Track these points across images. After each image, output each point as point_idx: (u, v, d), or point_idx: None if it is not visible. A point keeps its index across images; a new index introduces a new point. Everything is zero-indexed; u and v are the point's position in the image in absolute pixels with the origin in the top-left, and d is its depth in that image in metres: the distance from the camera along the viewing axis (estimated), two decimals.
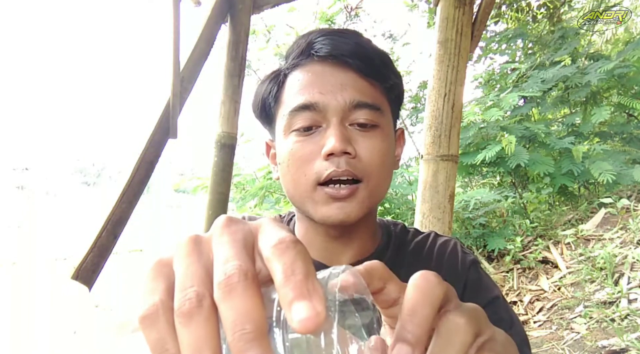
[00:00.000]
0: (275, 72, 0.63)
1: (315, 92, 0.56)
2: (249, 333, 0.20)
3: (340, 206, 0.56)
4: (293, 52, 0.61)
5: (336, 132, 0.55)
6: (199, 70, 2.00)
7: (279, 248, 0.22)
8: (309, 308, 0.20)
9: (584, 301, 2.79)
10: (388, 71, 0.61)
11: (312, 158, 0.56)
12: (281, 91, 0.61)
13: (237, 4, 2.10)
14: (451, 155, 1.75)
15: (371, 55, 0.59)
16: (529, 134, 4.09)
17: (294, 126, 0.58)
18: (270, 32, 5.27)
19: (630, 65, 4.12)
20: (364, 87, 0.58)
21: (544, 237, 3.76)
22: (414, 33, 8.19)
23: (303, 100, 0.57)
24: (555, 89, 4.71)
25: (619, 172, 3.61)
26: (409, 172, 4.71)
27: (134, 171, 1.78)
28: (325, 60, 0.58)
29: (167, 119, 1.86)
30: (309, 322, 0.20)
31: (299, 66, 0.60)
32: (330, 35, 0.59)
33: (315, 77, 0.58)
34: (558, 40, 4.93)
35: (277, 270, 0.21)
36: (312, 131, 0.57)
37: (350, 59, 0.57)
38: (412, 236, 0.70)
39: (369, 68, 0.58)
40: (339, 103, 0.56)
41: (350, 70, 0.58)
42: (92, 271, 1.67)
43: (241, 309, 0.21)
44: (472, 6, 1.81)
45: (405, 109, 5.58)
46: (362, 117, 0.57)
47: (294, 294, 0.20)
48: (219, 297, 0.21)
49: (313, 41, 0.59)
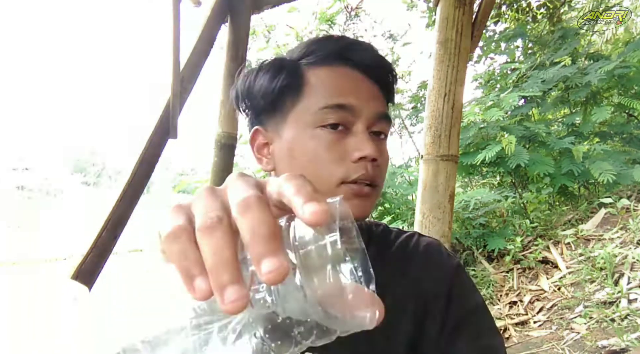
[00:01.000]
0: (287, 62, 0.62)
1: (351, 95, 0.59)
2: (266, 235, 0.23)
3: (359, 203, 0.59)
4: (319, 50, 0.62)
5: (370, 139, 0.59)
6: (199, 70, 2.01)
7: (294, 184, 0.26)
8: (321, 206, 0.24)
9: (584, 301, 2.79)
10: (394, 89, 0.67)
11: (342, 158, 0.58)
12: (304, 85, 0.61)
13: (237, 4, 2.10)
14: (451, 155, 1.75)
15: (391, 72, 0.65)
16: (529, 134, 4.09)
17: (325, 121, 0.58)
18: (270, 32, 5.27)
19: (631, 65, 4.12)
20: (382, 100, 0.64)
21: (544, 237, 3.76)
22: (414, 33, 8.18)
23: (341, 100, 0.59)
24: (555, 89, 4.72)
25: (619, 172, 3.61)
26: (409, 172, 4.72)
27: (134, 171, 1.78)
28: (357, 68, 0.61)
29: (167, 119, 1.86)
30: (319, 215, 0.24)
31: (328, 66, 0.61)
32: (361, 45, 0.63)
33: (351, 81, 0.61)
34: (558, 40, 4.93)
35: (288, 189, 0.26)
36: (338, 130, 0.59)
37: (377, 73, 0.63)
38: (395, 236, 0.70)
39: (388, 83, 0.64)
40: (371, 111, 0.60)
41: (375, 83, 0.62)
42: (92, 271, 1.67)
43: (257, 219, 0.24)
44: (472, 6, 1.81)
45: (405, 109, 5.58)
46: (381, 127, 0.62)
47: (305, 198, 0.25)
48: (236, 213, 0.25)
49: (347, 48, 0.62)
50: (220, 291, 0.23)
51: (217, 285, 0.23)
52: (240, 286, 0.23)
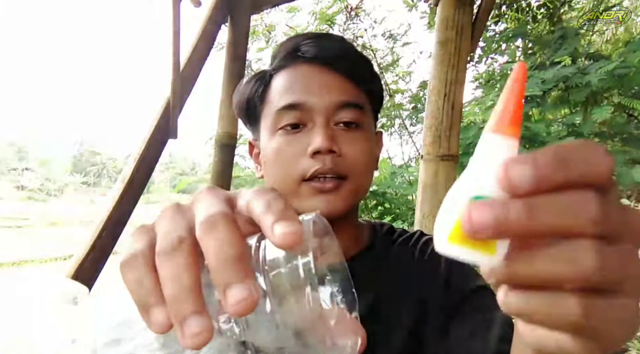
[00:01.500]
0: (260, 73, 0.65)
1: (302, 92, 0.59)
2: (231, 258, 0.21)
3: (325, 199, 0.58)
4: (279, 53, 0.64)
5: (322, 131, 0.57)
6: (199, 71, 2.01)
7: (263, 200, 0.24)
8: (293, 226, 0.22)
9: None
10: (370, 74, 0.65)
11: (298, 156, 0.58)
12: (267, 91, 0.63)
13: (237, 4, 2.10)
14: (451, 155, 1.75)
15: (355, 58, 0.63)
16: (529, 134, 4.08)
17: (280, 124, 0.60)
18: (270, 32, 5.27)
19: (631, 65, 4.11)
20: (348, 89, 0.61)
21: None
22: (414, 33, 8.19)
23: (290, 99, 0.59)
24: (555, 89, 4.71)
25: (619, 172, 3.61)
26: (409, 172, 4.71)
27: (134, 171, 1.78)
28: (311, 62, 0.61)
29: (167, 119, 1.86)
30: (289, 237, 0.21)
31: (285, 67, 0.62)
32: (317, 38, 0.62)
33: (302, 78, 0.60)
34: (558, 40, 4.93)
35: (257, 207, 0.23)
36: (299, 129, 0.59)
37: (335, 62, 0.60)
38: (398, 236, 0.70)
39: (353, 70, 0.61)
40: (325, 103, 0.58)
41: (335, 73, 0.60)
42: (92, 271, 1.67)
43: (223, 239, 0.22)
44: (472, 6, 1.81)
45: (405, 109, 5.58)
46: (347, 116, 0.60)
47: (275, 218, 0.22)
48: (200, 233, 0.22)
49: (300, 44, 0.62)
50: (180, 323, 0.21)
51: (176, 316, 0.21)
52: (203, 317, 0.21)
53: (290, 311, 0.22)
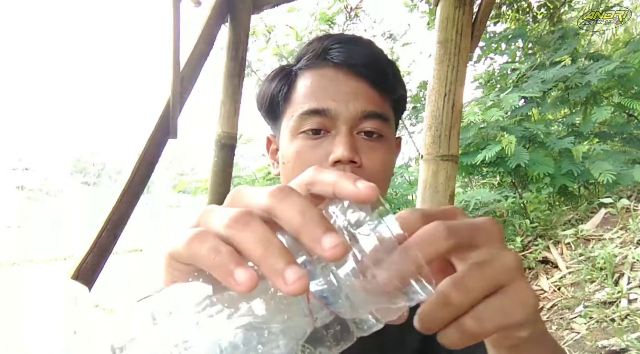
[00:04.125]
0: (285, 70, 0.64)
1: (328, 98, 0.58)
2: (316, 216, 0.23)
3: None
4: (307, 54, 0.62)
5: (345, 141, 0.56)
6: (199, 71, 2.01)
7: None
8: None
9: (584, 301, 2.79)
10: (397, 83, 0.63)
11: (319, 162, 0.57)
12: (292, 91, 0.62)
13: (237, 4, 2.10)
14: (451, 155, 1.75)
15: (384, 66, 0.61)
16: (529, 134, 4.09)
17: (303, 128, 0.59)
18: (270, 32, 5.27)
19: (631, 65, 4.12)
20: (374, 97, 0.59)
21: (544, 237, 3.76)
22: (414, 33, 8.18)
23: (315, 105, 0.58)
24: (555, 89, 4.71)
25: (619, 172, 3.61)
26: (409, 172, 4.71)
27: (134, 171, 1.78)
28: (339, 67, 0.59)
29: (167, 119, 1.86)
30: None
31: (311, 69, 0.61)
32: (347, 43, 0.61)
33: (328, 83, 0.59)
34: (558, 41, 4.93)
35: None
36: (321, 135, 0.58)
37: (364, 69, 0.59)
38: None
39: (381, 79, 0.60)
40: (350, 112, 0.57)
41: (363, 80, 0.59)
42: (92, 271, 1.67)
43: (300, 204, 0.23)
44: (472, 6, 1.81)
45: (405, 109, 5.58)
46: (370, 126, 0.59)
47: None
48: (274, 202, 0.24)
49: (329, 47, 0.60)
50: (280, 274, 0.21)
51: (274, 271, 0.22)
52: (298, 266, 0.22)
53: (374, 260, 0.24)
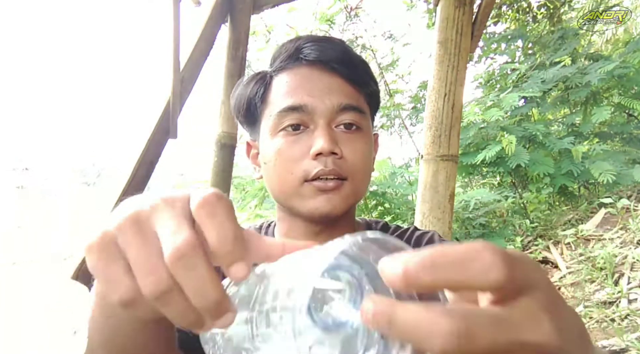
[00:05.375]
0: (260, 74, 0.66)
1: (304, 94, 0.59)
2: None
3: (327, 198, 0.59)
4: (280, 55, 0.64)
5: (324, 134, 0.58)
6: (199, 71, 2.00)
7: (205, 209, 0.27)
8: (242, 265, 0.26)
9: (584, 301, 2.79)
10: (369, 78, 0.66)
11: (300, 157, 0.59)
12: (268, 92, 0.64)
13: (237, 4, 2.10)
14: (451, 155, 1.75)
15: (356, 62, 0.64)
16: (529, 134, 4.09)
17: (282, 125, 0.60)
18: (270, 32, 5.27)
19: (631, 65, 4.12)
20: (349, 92, 0.62)
21: (544, 237, 3.76)
22: (414, 33, 8.18)
23: (292, 102, 0.59)
24: (555, 89, 4.71)
25: (619, 172, 3.61)
26: (409, 172, 4.71)
27: (134, 171, 1.78)
28: (313, 64, 0.61)
29: (167, 119, 1.86)
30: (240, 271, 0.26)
31: (286, 69, 0.63)
32: (319, 41, 0.63)
33: (304, 80, 0.61)
34: (558, 41, 4.93)
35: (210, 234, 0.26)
36: (300, 130, 0.60)
37: (337, 65, 0.61)
38: (392, 232, 0.71)
39: (354, 74, 0.63)
40: (327, 106, 0.59)
41: (337, 76, 0.61)
42: None
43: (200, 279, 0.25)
44: (472, 6, 1.81)
45: (405, 109, 5.58)
46: (348, 119, 0.61)
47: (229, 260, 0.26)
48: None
49: (302, 46, 0.62)
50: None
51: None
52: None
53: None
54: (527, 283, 0.22)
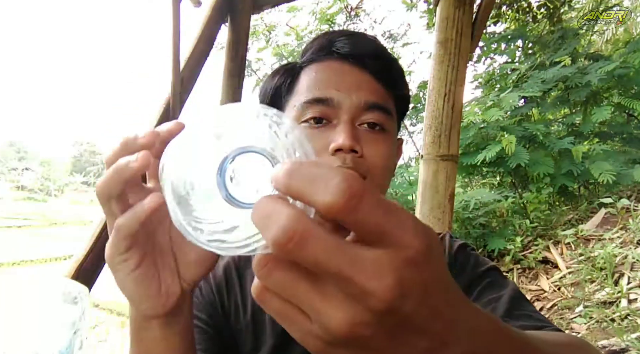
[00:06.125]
0: (290, 64, 0.65)
1: (332, 88, 0.58)
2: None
3: None
4: (312, 48, 0.63)
5: (346, 130, 0.56)
6: (199, 71, 2.00)
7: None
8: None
9: (584, 301, 2.79)
10: (401, 80, 0.64)
11: (320, 151, 0.57)
12: (295, 82, 0.62)
13: (237, 4, 2.10)
14: (451, 155, 1.75)
15: (389, 61, 0.63)
16: (529, 134, 4.09)
17: (305, 116, 0.58)
18: (270, 32, 5.27)
19: (631, 65, 4.12)
20: (378, 90, 0.60)
21: (544, 237, 3.76)
22: (414, 33, 8.18)
23: (318, 93, 0.58)
24: (555, 89, 4.71)
25: (619, 172, 3.61)
26: (409, 172, 4.71)
27: None
28: (345, 58, 0.60)
29: (167, 118, 1.86)
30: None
31: (317, 61, 0.61)
32: (353, 36, 0.62)
33: (333, 73, 0.59)
34: (558, 41, 4.93)
35: None
36: (323, 124, 0.58)
37: (369, 61, 0.60)
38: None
39: (385, 72, 0.61)
40: (353, 102, 0.57)
41: (368, 72, 0.60)
42: (92, 271, 1.67)
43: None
44: (472, 6, 1.81)
45: (407, 111, 5.57)
46: (373, 118, 0.58)
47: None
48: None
49: (335, 39, 0.61)
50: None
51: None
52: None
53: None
54: (385, 236, 0.21)
